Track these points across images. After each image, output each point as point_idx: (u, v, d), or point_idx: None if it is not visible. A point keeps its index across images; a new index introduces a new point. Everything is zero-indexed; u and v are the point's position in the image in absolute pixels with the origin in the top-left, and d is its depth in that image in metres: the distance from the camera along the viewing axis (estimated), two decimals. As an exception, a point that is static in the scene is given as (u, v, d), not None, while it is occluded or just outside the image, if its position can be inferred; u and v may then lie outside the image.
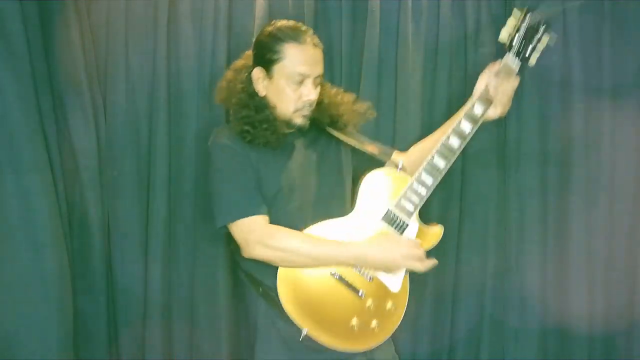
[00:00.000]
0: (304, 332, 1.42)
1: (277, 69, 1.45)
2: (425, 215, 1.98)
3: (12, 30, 1.49)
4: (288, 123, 1.50)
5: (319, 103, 1.56)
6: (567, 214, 2.06)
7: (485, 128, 2.00)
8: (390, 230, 1.49)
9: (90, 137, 1.80)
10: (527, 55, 1.50)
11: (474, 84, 2.00)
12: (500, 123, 2.03)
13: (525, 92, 2.02)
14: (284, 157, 1.51)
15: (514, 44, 1.49)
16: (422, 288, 2.03)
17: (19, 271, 1.55)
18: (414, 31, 1.97)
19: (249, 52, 1.56)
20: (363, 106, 1.64)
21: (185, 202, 1.90)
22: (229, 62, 1.91)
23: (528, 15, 1.48)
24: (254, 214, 1.41)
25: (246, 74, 1.51)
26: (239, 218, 1.41)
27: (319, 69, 1.48)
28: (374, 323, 1.48)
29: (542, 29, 1.49)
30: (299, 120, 1.50)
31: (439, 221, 1.98)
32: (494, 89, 1.49)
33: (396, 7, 1.97)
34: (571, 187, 2.05)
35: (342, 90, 1.65)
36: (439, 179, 1.49)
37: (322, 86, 1.58)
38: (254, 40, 1.55)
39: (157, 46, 1.85)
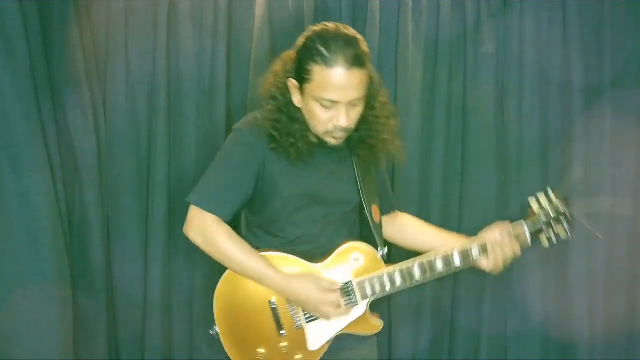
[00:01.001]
0: (215, 329, 1.50)
1: (306, 88, 1.32)
2: (426, 215, 2.00)
3: (12, 30, 1.49)
4: (321, 141, 1.40)
5: (358, 129, 1.42)
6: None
7: (485, 128, 2.02)
8: (341, 299, 1.47)
9: (90, 137, 1.81)
10: (542, 235, 1.48)
11: (474, 84, 2.02)
12: (500, 123, 2.03)
13: (525, 92, 2.02)
14: (302, 170, 1.42)
15: (540, 221, 1.47)
16: (422, 288, 2.03)
17: (19, 271, 1.55)
18: (414, 31, 1.97)
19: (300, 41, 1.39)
20: (398, 145, 1.50)
21: (184, 201, 1.90)
22: (228, 62, 1.91)
23: (565, 204, 1.47)
24: (216, 213, 1.41)
25: (284, 80, 1.38)
26: (200, 206, 1.41)
27: (353, 94, 1.31)
28: None
29: (566, 224, 1.48)
30: (331, 141, 1.39)
31: (439, 221, 2.01)
32: (494, 243, 1.45)
33: (396, 7, 1.97)
34: (571, 187, 2.05)
35: (389, 111, 1.47)
36: (408, 286, 1.46)
37: (369, 108, 1.42)
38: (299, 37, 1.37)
39: (157, 46, 1.85)
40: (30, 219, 1.55)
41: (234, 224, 1.50)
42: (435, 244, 1.55)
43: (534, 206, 1.49)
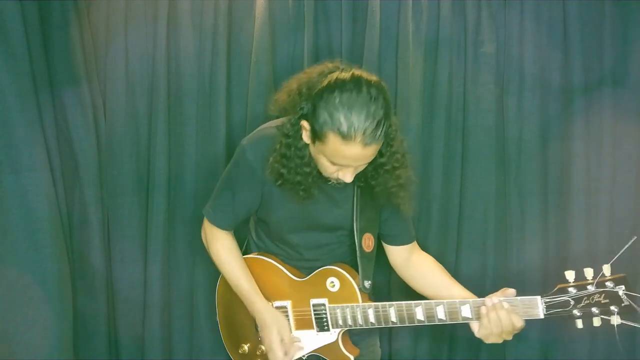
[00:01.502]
0: (217, 318, 1.67)
1: (318, 144, 1.28)
2: (426, 215, 2.00)
3: (12, 30, 1.49)
4: (320, 180, 1.40)
5: (364, 174, 1.41)
6: (567, 214, 2.06)
7: (485, 128, 2.02)
8: (312, 319, 1.50)
9: (90, 137, 1.81)
10: (569, 315, 1.21)
11: (474, 84, 2.01)
12: (500, 123, 2.02)
13: (525, 92, 2.02)
14: (294, 197, 1.42)
15: (559, 296, 1.22)
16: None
17: (19, 271, 1.55)
18: (414, 31, 1.97)
19: (321, 68, 1.36)
20: (403, 196, 1.46)
21: (185, 202, 1.90)
22: (228, 62, 1.91)
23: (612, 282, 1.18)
24: (220, 227, 1.55)
25: (304, 107, 1.31)
26: (209, 220, 1.56)
27: (363, 162, 1.31)
28: None
29: (615, 308, 1.18)
30: (333, 181, 1.39)
31: (439, 221, 2.01)
32: (490, 310, 1.31)
33: (396, 7, 1.97)
34: (571, 187, 2.05)
35: (398, 162, 1.41)
36: (382, 326, 1.43)
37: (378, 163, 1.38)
38: (325, 80, 1.27)
39: (157, 46, 1.85)
40: (30, 219, 1.55)
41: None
42: (437, 294, 1.47)
43: (569, 278, 1.23)
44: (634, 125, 2.05)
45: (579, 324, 1.23)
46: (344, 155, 1.24)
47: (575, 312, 1.21)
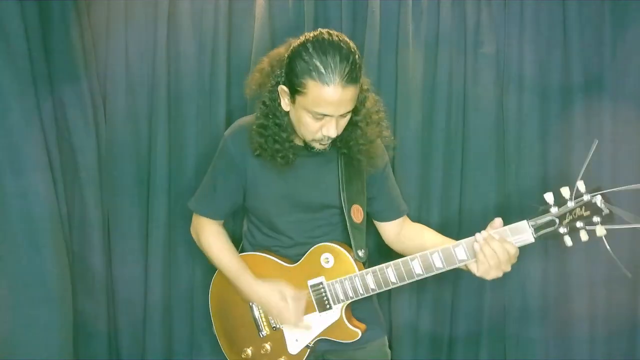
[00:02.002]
0: (213, 330, 1.64)
1: (298, 99, 1.31)
2: (426, 215, 2.00)
3: (12, 30, 1.49)
4: (308, 145, 1.42)
5: (343, 137, 1.44)
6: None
7: (485, 128, 2.02)
8: (312, 301, 1.48)
9: (90, 137, 1.81)
10: (556, 234, 1.25)
11: (474, 84, 2.01)
12: (500, 123, 2.03)
13: (525, 92, 2.02)
14: (284, 175, 1.46)
15: (543, 217, 1.25)
16: (422, 287, 2.03)
17: (19, 271, 1.54)
18: (414, 31, 1.97)
19: (292, 41, 1.36)
20: (379, 151, 1.51)
21: (185, 202, 1.89)
22: (229, 62, 1.91)
23: (588, 197, 1.21)
24: (204, 215, 1.57)
25: (274, 82, 1.38)
26: (194, 210, 1.60)
27: (345, 108, 1.32)
28: None
29: (596, 219, 1.22)
30: (317, 146, 1.41)
31: (439, 221, 2.01)
32: (483, 244, 1.30)
33: (396, 7, 1.97)
34: (571, 186, 2.05)
35: (372, 117, 1.45)
36: (385, 289, 1.42)
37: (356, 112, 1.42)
38: (294, 42, 1.33)
39: (157, 46, 1.85)
40: (30, 219, 1.55)
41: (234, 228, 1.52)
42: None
43: (549, 199, 1.26)
44: (634, 125, 2.05)
45: (568, 241, 1.26)
46: (325, 100, 1.27)
47: (562, 229, 1.24)
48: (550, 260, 2.08)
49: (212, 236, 1.58)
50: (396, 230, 1.61)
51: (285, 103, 1.37)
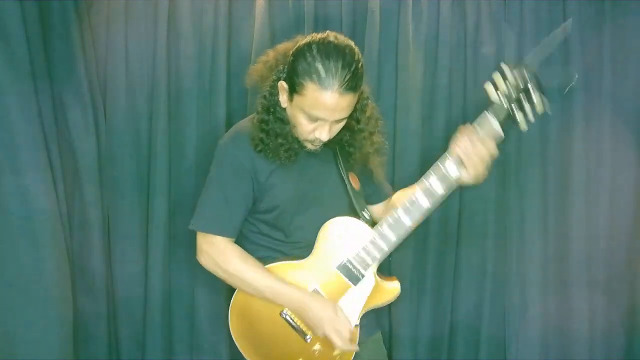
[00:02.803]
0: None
1: (296, 99, 1.32)
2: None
3: (12, 30, 1.49)
4: (300, 143, 1.42)
5: (339, 140, 1.47)
6: (567, 214, 2.06)
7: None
8: (344, 280, 1.45)
9: (90, 137, 1.81)
10: (515, 118, 1.32)
11: (473, 84, 2.02)
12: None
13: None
14: (292, 174, 1.45)
15: (504, 104, 1.32)
16: (421, 288, 2.03)
17: (19, 271, 1.54)
18: (414, 31, 1.97)
19: (299, 39, 1.38)
20: (377, 161, 1.54)
21: (185, 201, 1.90)
22: (229, 62, 1.91)
23: (512, 71, 1.29)
24: (223, 235, 1.44)
25: (275, 77, 1.40)
26: (203, 231, 1.46)
27: (341, 115, 1.34)
28: None
29: (537, 93, 1.29)
30: (308, 146, 1.42)
31: (439, 221, 2.01)
32: (466, 150, 1.35)
33: (396, 7, 1.97)
34: (571, 187, 2.05)
35: (374, 127, 1.49)
36: (405, 235, 1.42)
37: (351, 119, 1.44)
38: (299, 41, 1.35)
39: (157, 46, 1.85)
40: (30, 219, 1.55)
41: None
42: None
43: (490, 91, 1.32)
44: (634, 125, 2.06)
45: (521, 118, 1.32)
46: (322, 104, 1.28)
47: (515, 109, 1.31)
48: (549, 260, 2.08)
49: (238, 259, 1.44)
50: (382, 211, 1.64)
51: (283, 99, 1.38)
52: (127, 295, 1.91)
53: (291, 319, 1.47)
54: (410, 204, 1.40)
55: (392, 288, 1.48)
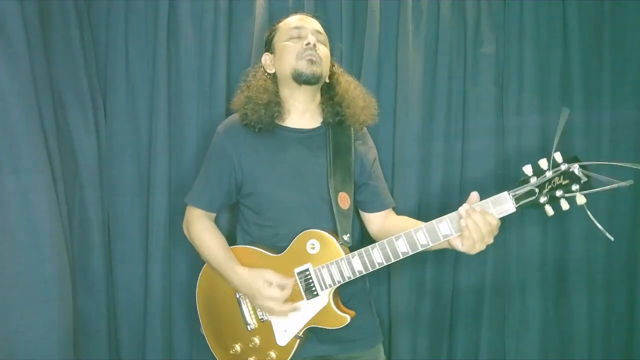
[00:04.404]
0: (201, 330, 1.63)
1: (275, 40, 1.58)
2: (425, 216, 1.99)
3: (12, 30, 1.49)
4: (296, 77, 1.50)
5: (331, 98, 1.60)
6: (566, 214, 2.06)
7: (485, 128, 2.02)
8: (300, 289, 1.47)
9: (90, 137, 1.81)
10: (537, 204, 1.26)
11: (474, 84, 2.01)
12: (500, 122, 2.03)
13: (525, 92, 2.02)
14: (276, 159, 1.53)
15: (522, 187, 1.26)
16: (422, 287, 2.03)
17: (19, 271, 1.54)
18: (414, 31, 1.97)
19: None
20: (370, 108, 1.61)
21: (185, 202, 1.90)
22: (229, 62, 1.91)
23: (564, 166, 1.24)
24: (196, 205, 1.61)
25: (254, 72, 1.61)
26: (190, 202, 1.63)
27: (313, 25, 1.56)
28: None
29: (575, 187, 1.24)
30: (305, 69, 1.49)
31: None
32: (466, 218, 1.29)
33: (396, 7, 1.97)
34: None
35: (354, 81, 1.66)
36: (370, 271, 1.42)
37: (338, 75, 1.64)
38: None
39: (157, 46, 1.85)
40: (30, 219, 1.55)
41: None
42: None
43: (527, 172, 1.27)
44: (633, 125, 2.06)
45: (549, 211, 1.27)
46: (294, 20, 1.57)
47: (542, 199, 1.25)
48: (549, 259, 2.08)
49: (203, 228, 1.60)
50: (380, 222, 1.64)
51: (269, 64, 1.59)
52: (127, 295, 1.91)
53: (244, 304, 1.54)
54: (389, 245, 1.39)
55: (341, 317, 1.47)
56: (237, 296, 1.55)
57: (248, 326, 1.54)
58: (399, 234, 1.38)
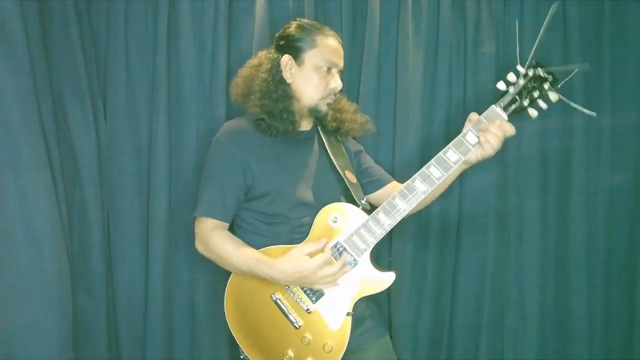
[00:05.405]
0: (242, 356, 1.51)
1: (308, 56, 1.53)
2: (426, 214, 2.00)
3: (12, 30, 1.49)
4: (313, 110, 1.57)
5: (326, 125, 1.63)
6: (567, 214, 2.07)
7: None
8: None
9: (90, 137, 1.80)
10: (522, 107, 1.44)
11: (473, 84, 2.02)
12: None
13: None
14: (286, 162, 1.55)
15: (504, 98, 1.44)
16: (422, 287, 2.03)
17: (19, 271, 1.54)
18: (414, 31, 1.97)
19: (262, 52, 1.62)
20: (363, 118, 1.70)
21: (185, 201, 1.90)
22: (228, 62, 1.91)
23: (531, 72, 1.42)
24: (209, 216, 1.52)
25: (268, 66, 1.55)
26: (196, 215, 1.55)
27: (342, 61, 1.59)
28: None
29: (546, 86, 1.42)
30: (324, 108, 1.57)
31: (439, 221, 2.01)
32: (482, 134, 1.43)
33: (396, 7, 1.97)
34: (571, 187, 2.05)
35: (345, 98, 1.70)
36: (398, 220, 1.44)
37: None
38: (277, 34, 1.60)
39: (157, 46, 1.85)
40: (30, 219, 1.55)
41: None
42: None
43: (500, 85, 1.45)
44: (633, 125, 2.06)
45: (533, 113, 1.44)
46: (333, 48, 1.55)
47: (524, 102, 1.43)
48: (549, 259, 2.08)
49: (223, 238, 1.51)
50: (385, 195, 1.68)
51: (289, 74, 1.55)
52: (127, 295, 1.91)
53: (282, 304, 1.47)
54: (407, 189, 1.44)
55: (386, 276, 1.47)
56: (274, 298, 1.48)
57: (295, 324, 1.46)
58: (413, 177, 1.45)
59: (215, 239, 1.51)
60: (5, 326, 1.55)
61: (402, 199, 1.44)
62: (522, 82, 1.41)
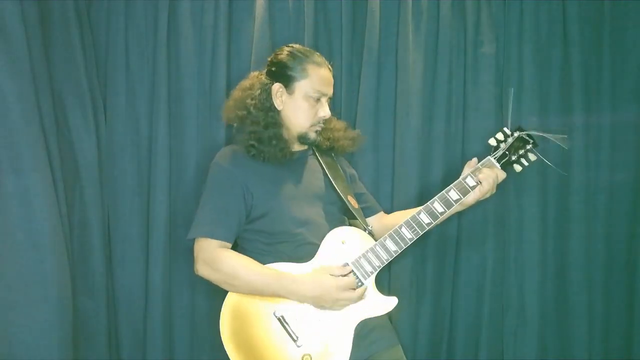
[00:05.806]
0: None
1: (298, 86, 1.55)
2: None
3: (12, 30, 1.49)
4: (302, 137, 1.60)
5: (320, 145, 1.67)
6: (566, 214, 2.07)
7: (485, 128, 2.02)
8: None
9: (90, 137, 1.80)
10: (510, 162, 1.62)
11: (474, 84, 2.02)
12: (499, 122, 2.03)
13: (525, 92, 2.02)
14: (284, 180, 1.57)
15: (497, 152, 1.61)
16: (422, 287, 2.03)
17: (19, 271, 1.54)
18: (414, 31, 1.97)
19: (254, 73, 1.65)
20: (354, 133, 1.75)
21: (185, 202, 1.90)
22: (228, 62, 1.91)
23: (516, 134, 1.60)
24: (210, 237, 1.49)
25: (258, 91, 1.57)
26: (197, 236, 1.51)
27: (332, 90, 1.61)
28: None
29: (528, 147, 1.60)
30: (312, 135, 1.60)
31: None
32: (480, 175, 1.56)
33: (396, 7, 1.97)
34: (571, 187, 2.05)
35: (335, 118, 1.74)
36: (403, 248, 1.52)
37: None
38: (269, 59, 1.62)
39: (157, 46, 1.85)
40: (30, 219, 1.55)
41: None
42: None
43: (493, 142, 1.61)
44: (633, 124, 2.06)
45: (518, 167, 1.63)
46: (324, 78, 1.56)
47: (513, 158, 1.61)
48: (549, 259, 2.09)
49: (230, 257, 1.48)
50: (377, 224, 1.73)
51: (279, 101, 1.57)
52: (127, 295, 1.91)
53: (283, 319, 1.46)
54: (413, 220, 1.53)
55: (388, 300, 1.52)
56: (278, 315, 1.46)
57: (298, 343, 1.45)
58: (418, 210, 1.54)
59: (224, 257, 1.47)
60: (5, 326, 1.55)
61: (408, 229, 1.53)
62: (511, 140, 1.60)
